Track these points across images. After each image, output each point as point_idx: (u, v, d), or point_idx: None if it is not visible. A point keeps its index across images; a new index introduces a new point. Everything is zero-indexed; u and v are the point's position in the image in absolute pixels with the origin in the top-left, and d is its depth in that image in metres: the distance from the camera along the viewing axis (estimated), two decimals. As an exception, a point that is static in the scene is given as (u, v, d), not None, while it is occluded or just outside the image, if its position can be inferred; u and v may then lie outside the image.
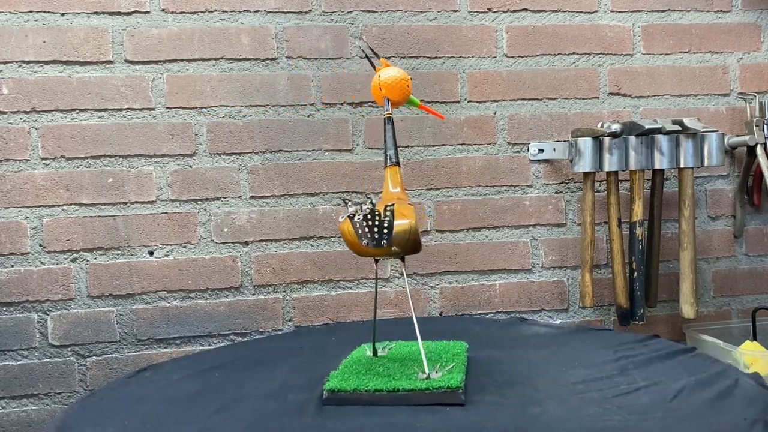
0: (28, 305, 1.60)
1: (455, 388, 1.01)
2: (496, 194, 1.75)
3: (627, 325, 1.68)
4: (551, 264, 1.77)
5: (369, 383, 1.03)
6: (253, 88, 1.67)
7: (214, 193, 1.66)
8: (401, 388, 1.02)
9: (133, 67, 1.64)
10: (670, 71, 1.81)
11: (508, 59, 1.76)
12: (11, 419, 1.59)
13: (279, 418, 1.00)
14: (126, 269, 1.63)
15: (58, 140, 1.61)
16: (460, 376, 1.05)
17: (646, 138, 1.65)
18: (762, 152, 1.73)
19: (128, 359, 1.63)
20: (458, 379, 1.03)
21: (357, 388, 1.03)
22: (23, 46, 1.60)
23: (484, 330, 1.51)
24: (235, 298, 1.67)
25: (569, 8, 1.78)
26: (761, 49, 1.85)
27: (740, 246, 1.84)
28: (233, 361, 1.32)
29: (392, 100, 1.19)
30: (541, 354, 1.29)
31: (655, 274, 1.74)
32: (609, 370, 1.16)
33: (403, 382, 1.03)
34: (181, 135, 1.65)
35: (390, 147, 1.16)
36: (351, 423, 0.96)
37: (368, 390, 1.02)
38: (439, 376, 1.05)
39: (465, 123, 1.74)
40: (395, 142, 1.17)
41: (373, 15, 1.71)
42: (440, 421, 0.95)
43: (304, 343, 1.44)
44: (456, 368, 1.08)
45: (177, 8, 1.64)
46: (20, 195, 1.60)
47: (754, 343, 1.61)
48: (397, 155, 1.17)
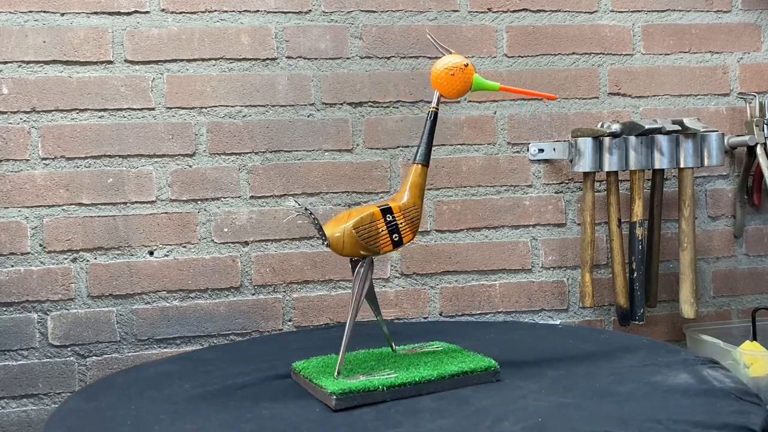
0: (28, 305, 1.60)
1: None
2: (496, 194, 1.75)
3: (627, 325, 1.68)
4: (551, 264, 1.77)
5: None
6: (253, 88, 1.67)
7: (214, 193, 1.66)
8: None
9: (133, 67, 1.64)
10: (670, 71, 1.81)
11: (508, 59, 1.76)
12: (11, 419, 1.59)
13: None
14: (126, 269, 1.63)
15: (58, 140, 1.61)
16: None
17: (646, 138, 1.65)
18: (762, 152, 1.73)
19: (128, 359, 1.63)
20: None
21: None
22: (23, 46, 1.60)
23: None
24: (235, 298, 1.67)
25: (569, 8, 1.78)
26: (761, 49, 1.85)
27: (740, 246, 1.84)
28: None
29: (441, 93, 1.15)
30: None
31: (655, 274, 1.74)
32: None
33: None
34: (181, 135, 1.65)
35: (422, 144, 1.14)
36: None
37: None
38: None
39: (465, 123, 1.74)
40: (428, 140, 1.14)
41: (373, 15, 1.71)
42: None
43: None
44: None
45: (177, 8, 1.64)
46: (20, 195, 1.60)
47: (754, 343, 1.61)
48: (422, 154, 1.14)
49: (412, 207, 1.13)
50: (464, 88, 1.15)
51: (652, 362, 1.20)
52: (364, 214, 1.10)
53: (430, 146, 1.15)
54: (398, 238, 1.11)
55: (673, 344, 1.80)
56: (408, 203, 1.13)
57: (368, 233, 1.10)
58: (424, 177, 1.14)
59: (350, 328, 1.11)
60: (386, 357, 1.22)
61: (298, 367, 1.19)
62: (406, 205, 1.12)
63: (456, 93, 1.15)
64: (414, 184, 1.13)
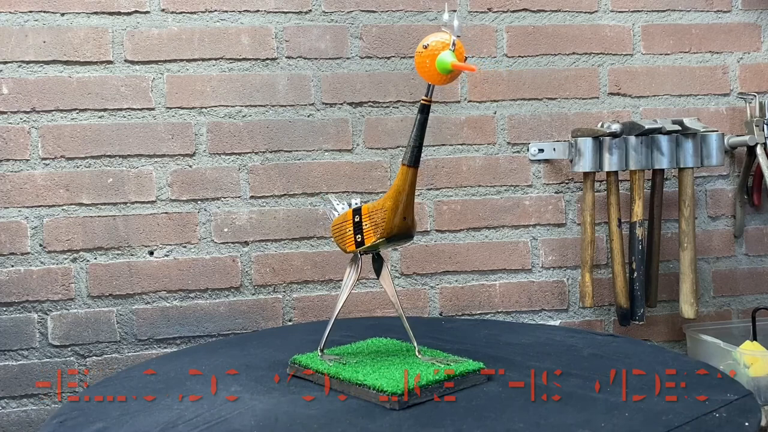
0: (28, 305, 1.60)
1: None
2: (496, 194, 1.75)
3: (627, 325, 1.68)
4: (551, 264, 1.77)
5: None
6: (253, 88, 1.67)
7: (214, 193, 1.66)
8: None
9: (133, 67, 1.64)
10: (670, 71, 1.81)
11: (508, 59, 1.76)
12: (11, 419, 1.59)
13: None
14: (126, 269, 1.63)
15: (58, 140, 1.61)
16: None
17: (646, 138, 1.65)
18: (762, 152, 1.73)
19: (128, 359, 1.63)
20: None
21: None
22: (23, 46, 1.60)
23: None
24: (235, 298, 1.67)
25: (569, 8, 1.78)
26: (761, 49, 1.85)
27: (740, 246, 1.84)
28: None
29: (423, 78, 1.02)
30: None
31: (655, 274, 1.74)
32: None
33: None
34: (181, 135, 1.65)
35: (410, 142, 1.06)
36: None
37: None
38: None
39: (465, 123, 1.74)
40: (415, 138, 1.05)
41: (373, 15, 1.71)
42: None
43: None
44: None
45: (177, 8, 1.64)
46: (20, 195, 1.60)
47: (754, 343, 1.61)
48: (406, 153, 1.06)
49: (380, 209, 1.09)
50: (429, 72, 1.01)
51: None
52: (345, 213, 1.15)
53: (418, 144, 1.06)
54: (360, 239, 1.11)
55: (672, 345, 1.80)
56: (376, 205, 1.10)
57: (340, 231, 1.15)
58: (408, 178, 1.07)
59: (335, 315, 1.16)
60: (396, 353, 1.20)
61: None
62: (374, 206, 1.10)
63: (428, 77, 1.02)
64: (394, 186, 1.08)
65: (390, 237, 1.09)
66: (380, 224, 1.09)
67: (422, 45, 1.02)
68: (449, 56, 0.98)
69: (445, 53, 0.99)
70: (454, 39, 1.00)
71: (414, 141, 1.06)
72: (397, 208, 1.08)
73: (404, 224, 1.09)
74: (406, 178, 1.07)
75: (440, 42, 1.00)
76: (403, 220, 1.08)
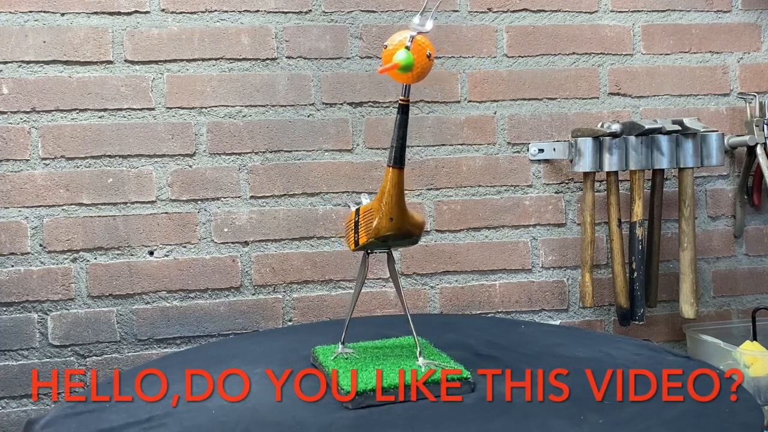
0: (28, 305, 1.60)
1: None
2: (496, 194, 1.75)
3: (627, 325, 1.68)
4: (551, 264, 1.77)
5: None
6: (253, 88, 1.67)
7: (214, 193, 1.66)
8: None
9: (133, 67, 1.64)
10: (670, 71, 1.81)
11: (508, 59, 1.76)
12: (11, 419, 1.59)
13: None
14: (126, 269, 1.63)
15: (58, 140, 1.61)
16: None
17: (646, 138, 1.65)
18: (762, 152, 1.73)
19: (128, 359, 1.63)
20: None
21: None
22: (23, 46, 1.60)
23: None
24: (235, 298, 1.67)
25: (569, 8, 1.78)
26: (761, 49, 1.85)
27: (740, 246, 1.84)
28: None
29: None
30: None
31: (655, 274, 1.74)
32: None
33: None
34: (181, 135, 1.65)
35: (392, 143, 1.04)
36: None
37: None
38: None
39: (465, 123, 1.74)
40: (397, 138, 1.03)
41: (373, 15, 1.71)
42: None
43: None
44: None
45: (177, 8, 1.64)
46: (20, 195, 1.60)
47: (754, 343, 1.61)
48: (390, 155, 1.04)
49: (369, 210, 1.09)
50: (392, 72, 1.00)
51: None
52: (351, 213, 1.16)
53: (400, 145, 1.04)
54: (356, 239, 1.13)
55: (672, 345, 1.80)
56: (368, 206, 1.11)
57: (346, 230, 1.17)
58: (392, 179, 1.05)
59: (352, 309, 1.19)
60: (399, 350, 1.20)
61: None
62: (366, 208, 1.11)
63: (393, 76, 1.00)
64: (381, 187, 1.07)
65: (380, 237, 1.08)
66: (369, 226, 1.09)
67: (383, 45, 1.02)
68: (399, 55, 0.98)
69: (399, 53, 0.98)
70: (412, 35, 0.98)
71: (395, 141, 1.04)
72: (381, 209, 1.07)
73: (391, 225, 1.07)
74: (390, 179, 1.06)
75: (399, 42, 1.00)
76: (389, 221, 1.07)
